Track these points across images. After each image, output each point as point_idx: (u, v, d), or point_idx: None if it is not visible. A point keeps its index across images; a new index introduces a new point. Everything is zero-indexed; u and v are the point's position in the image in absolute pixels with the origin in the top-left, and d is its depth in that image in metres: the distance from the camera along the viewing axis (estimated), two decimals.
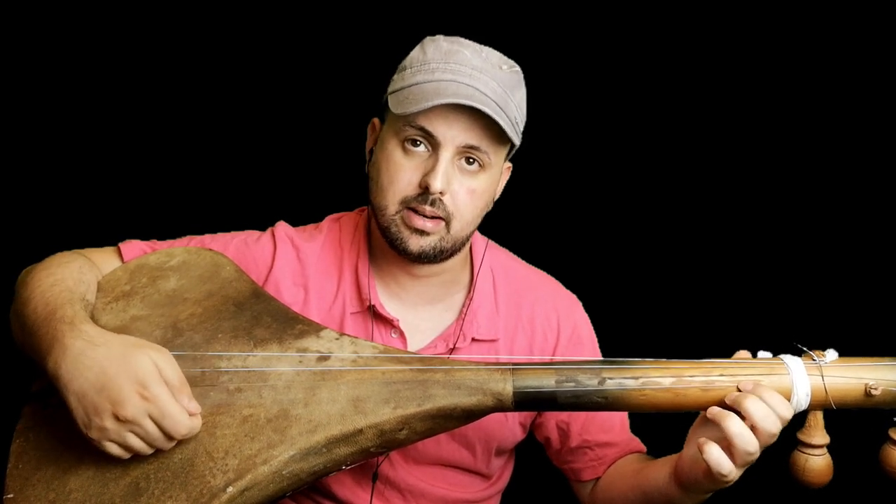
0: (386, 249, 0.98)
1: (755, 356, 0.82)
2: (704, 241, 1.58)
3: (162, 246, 1.02)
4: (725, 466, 0.75)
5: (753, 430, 0.74)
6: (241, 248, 1.03)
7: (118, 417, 0.72)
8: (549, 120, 1.23)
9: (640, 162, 1.61)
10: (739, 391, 0.77)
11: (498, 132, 0.90)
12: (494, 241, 1.10)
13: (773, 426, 0.75)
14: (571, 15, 1.57)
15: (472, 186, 0.92)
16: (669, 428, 0.87)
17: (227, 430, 0.79)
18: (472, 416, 0.82)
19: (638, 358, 0.80)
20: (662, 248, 1.61)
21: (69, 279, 0.87)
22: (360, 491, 1.00)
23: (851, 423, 0.81)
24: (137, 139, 1.61)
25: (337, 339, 0.88)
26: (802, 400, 0.77)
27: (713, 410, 0.77)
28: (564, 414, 1.03)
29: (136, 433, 0.74)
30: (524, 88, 0.96)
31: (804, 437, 0.80)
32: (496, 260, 1.07)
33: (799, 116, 1.54)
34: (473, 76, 0.89)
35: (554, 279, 1.10)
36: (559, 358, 1.04)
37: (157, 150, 1.62)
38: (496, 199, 1.01)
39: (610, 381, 0.79)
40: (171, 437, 0.75)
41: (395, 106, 0.91)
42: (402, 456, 1.00)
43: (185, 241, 1.04)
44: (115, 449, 0.74)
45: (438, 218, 0.91)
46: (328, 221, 1.08)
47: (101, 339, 0.77)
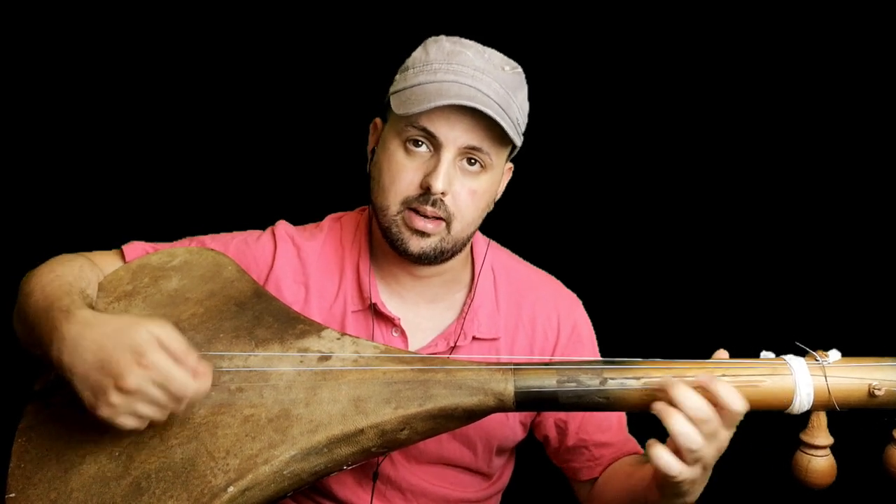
0: (387, 249, 0.98)
1: (758, 356, 0.82)
2: (706, 240, 1.58)
3: (163, 248, 1.02)
4: (674, 467, 0.71)
5: (694, 424, 0.70)
6: (241, 247, 1.03)
7: (122, 389, 0.72)
8: (550, 121, 1.23)
9: (640, 162, 1.61)
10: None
11: (500, 133, 0.91)
12: (495, 241, 1.10)
13: (704, 415, 0.70)
14: (573, 16, 1.57)
15: (473, 187, 0.92)
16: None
17: (228, 429, 0.79)
18: (473, 416, 0.82)
19: (639, 358, 0.80)
20: (663, 248, 1.61)
21: (69, 275, 0.87)
22: (360, 491, 1.00)
23: (854, 423, 0.81)
24: (138, 140, 1.62)
25: (338, 338, 0.88)
26: (805, 400, 0.77)
27: (656, 406, 0.74)
28: (563, 412, 1.03)
29: (145, 401, 0.73)
30: (526, 90, 0.96)
31: (807, 437, 0.79)
32: (497, 259, 1.07)
33: (801, 117, 1.54)
34: (476, 77, 0.89)
35: (555, 279, 1.11)
36: (561, 358, 1.04)
37: (157, 151, 1.63)
38: (497, 199, 1.01)
39: (611, 381, 0.79)
40: (179, 399, 0.74)
41: (397, 106, 0.91)
42: (403, 455, 1.00)
43: (185, 242, 1.04)
44: (130, 421, 0.74)
45: (439, 219, 0.92)
46: (329, 221, 1.08)
47: (96, 320, 0.76)
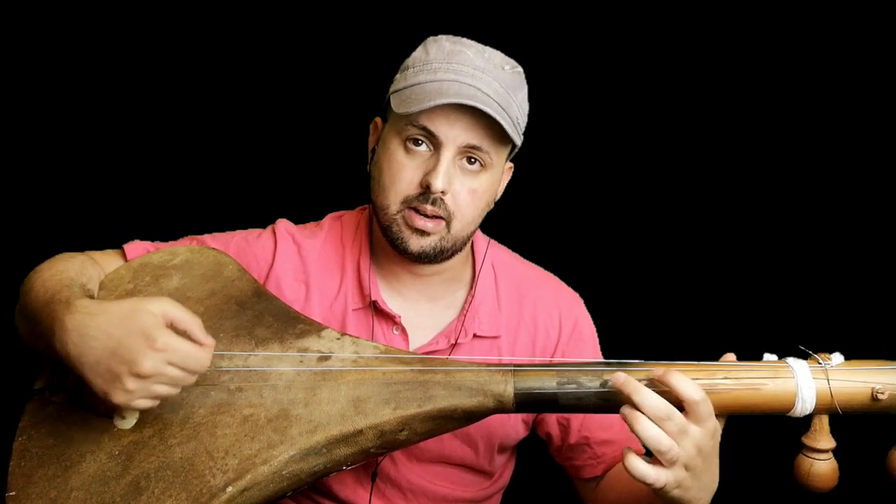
0: (387, 248, 0.98)
1: (761, 359, 0.81)
2: (708, 241, 1.58)
3: (164, 247, 1.02)
4: (650, 475, 0.70)
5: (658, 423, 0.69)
6: (241, 245, 1.04)
7: (138, 374, 0.72)
8: (550, 120, 1.22)
9: (641, 162, 1.61)
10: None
11: (499, 132, 0.90)
12: (496, 240, 1.09)
13: (664, 413, 0.69)
14: (573, 15, 1.56)
15: (473, 186, 0.92)
16: None
17: (227, 429, 0.79)
18: (472, 417, 0.82)
19: (640, 360, 0.79)
20: (665, 248, 1.60)
21: (71, 270, 0.87)
22: (360, 490, 1.00)
23: (857, 427, 0.80)
24: (138, 140, 1.62)
25: (338, 338, 0.88)
26: (807, 404, 0.76)
27: (622, 411, 0.72)
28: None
29: (161, 382, 0.74)
30: (526, 89, 0.96)
31: (809, 441, 0.79)
32: (498, 258, 1.07)
33: (802, 118, 1.53)
34: (476, 76, 0.89)
35: (555, 277, 1.10)
36: (560, 359, 1.04)
37: (158, 151, 1.63)
38: (497, 199, 1.01)
39: (612, 382, 0.78)
40: (195, 373, 0.75)
41: (397, 105, 0.91)
42: (403, 454, 1.00)
43: (186, 241, 1.04)
44: (145, 403, 0.75)
45: (439, 217, 0.92)
46: (329, 219, 1.08)
47: (97, 308, 0.76)
